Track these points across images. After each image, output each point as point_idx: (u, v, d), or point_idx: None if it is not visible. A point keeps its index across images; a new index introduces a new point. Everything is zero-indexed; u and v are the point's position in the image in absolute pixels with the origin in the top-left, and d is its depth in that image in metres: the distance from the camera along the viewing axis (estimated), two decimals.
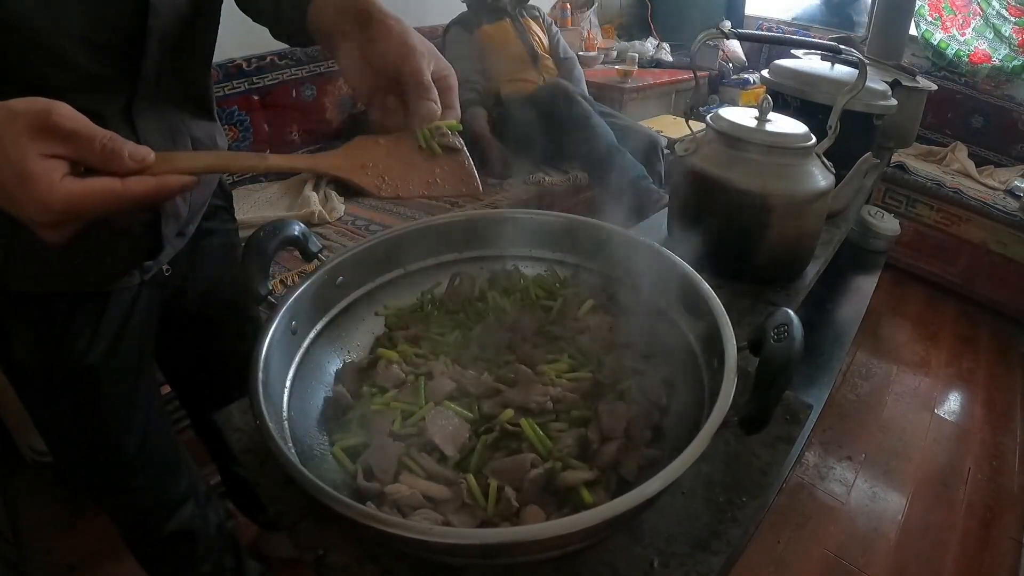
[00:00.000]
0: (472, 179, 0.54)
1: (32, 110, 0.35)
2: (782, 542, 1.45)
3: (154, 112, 0.64)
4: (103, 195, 0.36)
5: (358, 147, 0.52)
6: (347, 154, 0.52)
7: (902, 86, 1.26)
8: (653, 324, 0.65)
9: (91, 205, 0.36)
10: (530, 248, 0.75)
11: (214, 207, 0.84)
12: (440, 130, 0.53)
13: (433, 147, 0.53)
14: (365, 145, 0.52)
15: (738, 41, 3.17)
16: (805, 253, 0.94)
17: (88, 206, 0.36)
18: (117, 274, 0.70)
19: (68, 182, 0.35)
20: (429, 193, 0.53)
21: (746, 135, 0.85)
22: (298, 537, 0.51)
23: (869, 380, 2.05)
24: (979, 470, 1.73)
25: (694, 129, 0.97)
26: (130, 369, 0.78)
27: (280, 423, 0.51)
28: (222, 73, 1.83)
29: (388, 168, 0.52)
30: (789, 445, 0.61)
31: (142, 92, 0.61)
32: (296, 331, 0.59)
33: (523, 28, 2.24)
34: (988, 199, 2.42)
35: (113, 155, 0.37)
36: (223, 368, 0.92)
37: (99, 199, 0.36)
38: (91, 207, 0.36)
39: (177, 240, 0.75)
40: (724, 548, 0.51)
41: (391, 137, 0.53)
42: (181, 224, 0.74)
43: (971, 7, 2.69)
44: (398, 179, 0.52)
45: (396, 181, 0.51)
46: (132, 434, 0.81)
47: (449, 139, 0.54)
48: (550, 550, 0.44)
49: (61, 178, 0.35)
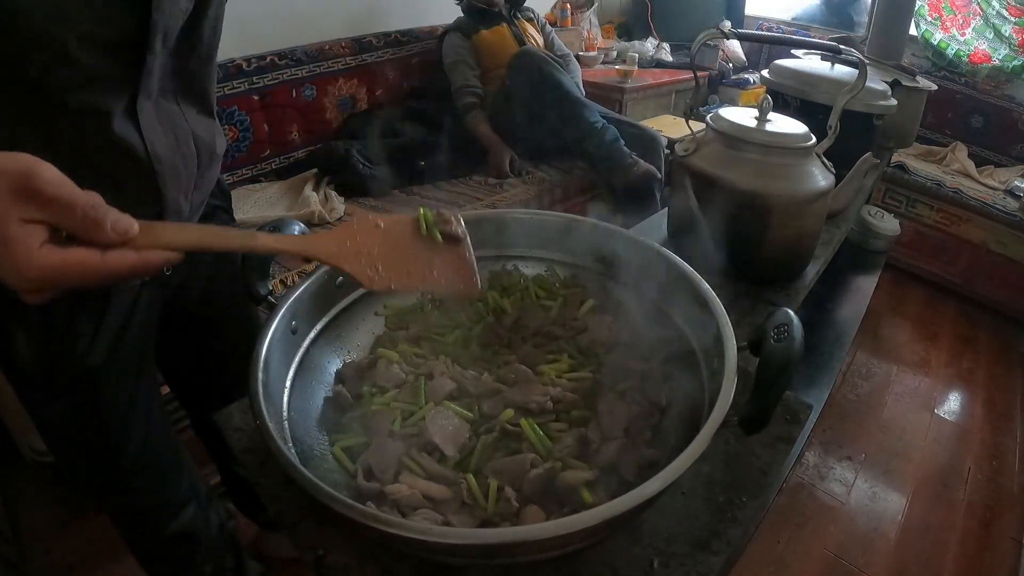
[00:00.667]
0: (471, 275, 0.52)
1: (14, 169, 0.33)
2: (782, 542, 1.45)
3: (157, 109, 0.64)
4: (80, 269, 0.35)
5: (355, 229, 0.49)
6: (342, 237, 0.48)
7: (902, 86, 1.26)
8: (653, 324, 0.65)
9: (67, 278, 0.35)
10: (530, 248, 0.75)
11: (212, 207, 0.84)
12: (444, 216, 0.51)
13: (435, 234, 0.51)
14: (363, 227, 0.49)
15: (738, 41, 3.17)
16: (805, 253, 0.94)
17: (64, 279, 0.35)
18: None
19: (46, 251, 0.34)
20: (423, 288, 0.50)
21: (746, 135, 0.85)
22: (298, 537, 0.51)
23: (869, 380, 2.05)
24: (979, 470, 1.73)
25: (694, 129, 0.97)
26: (131, 370, 0.78)
27: (280, 423, 0.51)
28: (222, 73, 1.83)
29: (384, 256, 0.49)
30: (789, 445, 0.61)
31: (145, 89, 0.61)
32: (296, 331, 0.59)
33: (520, 32, 2.25)
34: (988, 199, 2.42)
35: (95, 225, 0.35)
36: (223, 368, 0.92)
37: (76, 273, 0.35)
38: (67, 280, 0.35)
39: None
40: (724, 548, 0.51)
41: (391, 220, 0.51)
42: (184, 222, 0.74)
43: (971, 7, 2.69)
44: (393, 269, 0.48)
45: (391, 271, 0.48)
46: (133, 435, 0.81)
47: (452, 226, 0.52)
48: (550, 550, 0.44)
49: (40, 246, 0.34)
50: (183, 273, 0.81)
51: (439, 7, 2.38)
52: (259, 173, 2.03)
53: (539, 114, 2.03)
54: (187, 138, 0.69)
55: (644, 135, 2.17)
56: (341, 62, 2.17)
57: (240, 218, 1.70)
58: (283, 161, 2.08)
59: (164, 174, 0.65)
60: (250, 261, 0.59)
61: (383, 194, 1.97)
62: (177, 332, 0.88)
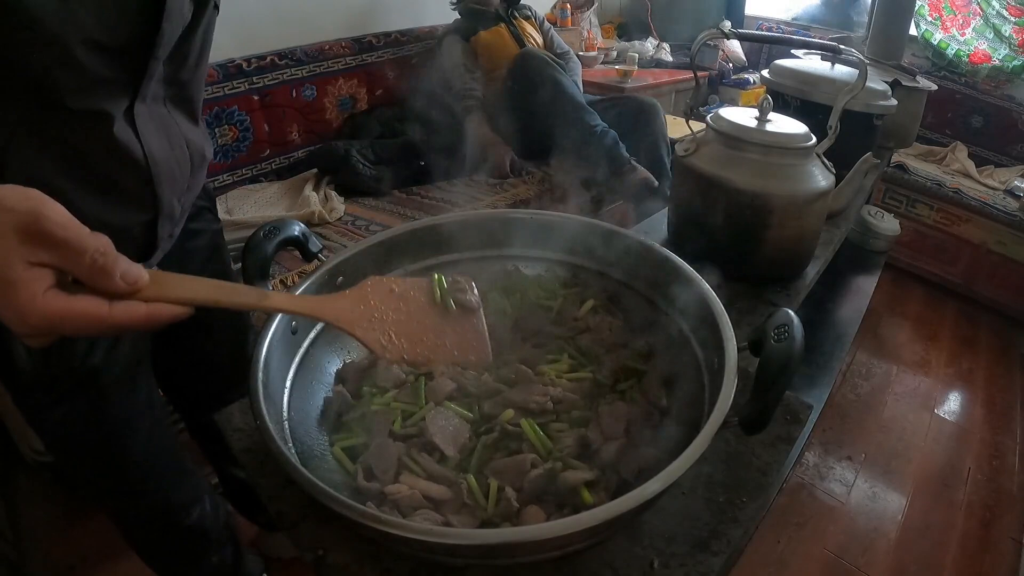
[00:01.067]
0: (483, 346, 0.51)
1: (23, 208, 0.32)
2: (782, 542, 1.45)
3: (153, 115, 0.64)
4: (85, 319, 0.34)
5: (369, 292, 0.49)
6: (356, 301, 0.48)
7: (902, 86, 1.26)
8: (653, 324, 0.65)
9: (70, 327, 0.33)
10: (530, 248, 0.75)
11: (199, 207, 0.85)
12: (459, 284, 0.51)
13: (448, 302, 0.51)
14: (377, 290, 0.49)
15: (738, 41, 3.17)
16: (805, 253, 0.94)
17: (66, 328, 0.33)
18: None
19: (51, 297, 0.33)
20: (435, 359, 0.50)
21: (746, 135, 0.85)
22: (298, 537, 0.51)
23: (869, 380, 2.05)
24: (979, 470, 1.73)
25: (694, 129, 0.97)
26: (129, 372, 0.78)
27: (280, 423, 0.51)
28: (222, 73, 1.83)
29: (397, 322, 0.48)
30: (789, 445, 0.61)
31: (143, 94, 0.61)
32: (296, 331, 0.59)
33: (518, 31, 2.25)
34: (988, 199, 2.42)
35: (103, 273, 0.34)
36: (217, 370, 0.92)
37: (80, 322, 0.34)
38: (69, 329, 0.34)
39: (166, 242, 0.75)
40: (724, 548, 0.51)
41: (406, 284, 0.50)
42: (174, 224, 0.74)
43: (971, 7, 2.69)
44: (406, 337, 0.48)
45: (403, 340, 0.48)
46: (138, 437, 0.81)
47: (467, 295, 0.51)
48: (550, 550, 0.44)
49: (44, 291, 0.32)
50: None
51: (439, 7, 2.38)
52: (259, 173, 2.03)
53: (539, 116, 2.03)
54: (180, 142, 0.69)
55: (643, 104, 2.17)
56: (341, 62, 2.17)
57: (240, 218, 1.70)
58: (283, 161, 2.08)
59: (160, 177, 0.65)
60: (249, 262, 0.58)
61: (383, 194, 1.97)
62: (169, 335, 0.88)
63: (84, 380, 0.72)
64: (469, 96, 2.17)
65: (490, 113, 2.15)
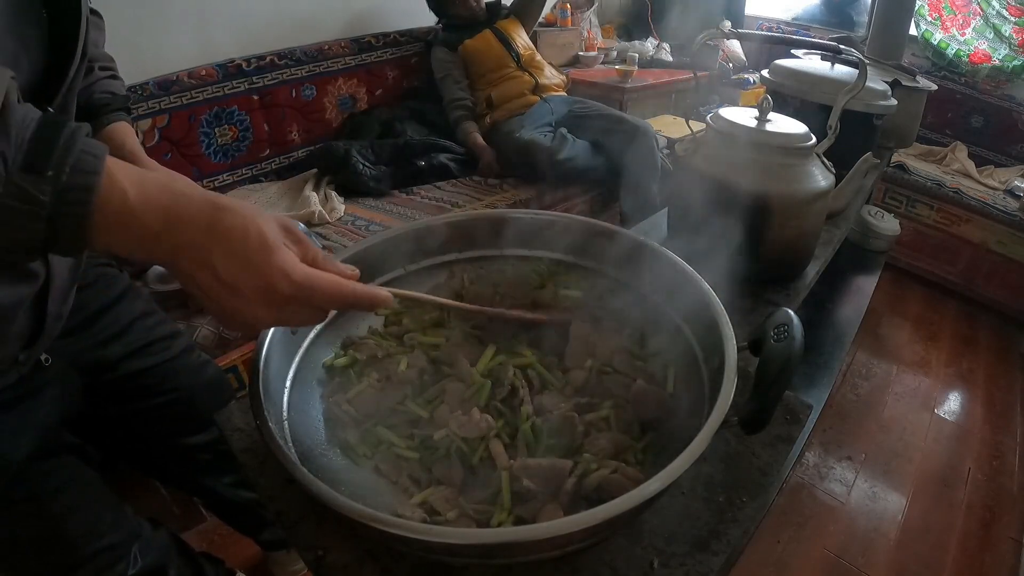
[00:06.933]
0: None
1: (274, 216, 0.41)
2: (782, 542, 1.45)
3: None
4: (334, 284, 0.41)
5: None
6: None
7: (902, 86, 1.26)
8: (653, 324, 0.65)
9: (323, 288, 0.40)
10: (530, 248, 0.75)
11: (96, 275, 0.82)
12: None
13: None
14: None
15: (738, 41, 3.17)
16: (805, 253, 0.94)
17: (320, 288, 0.40)
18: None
19: (306, 265, 0.41)
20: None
21: (746, 135, 0.85)
22: (298, 537, 0.51)
23: (869, 380, 2.05)
24: (979, 470, 1.73)
25: (694, 129, 0.97)
26: (60, 452, 0.74)
27: (280, 423, 0.51)
28: (222, 73, 1.83)
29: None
30: (789, 445, 0.61)
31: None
32: (296, 331, 0.59)
33: (503, 33, 2.27)
34: (988, 199, 2.42)
35: (330, 262, 0.43)
36: (162, 418, 0.89)
37: (330, 285, 0.41)
38: (322, 290, 0.40)
39: (54, 324, 0.68)
40: (724, 548, 0.51)
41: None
42: (63, 300, 0.68)
43: (971, 7, 2.69)
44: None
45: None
46: (82, 517, 0.76)
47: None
48: (550, 550, 0.44)
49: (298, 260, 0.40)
50: (94, 346, 0.79)
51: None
52: (259, 173, 2.03)
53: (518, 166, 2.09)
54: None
55: (627, 127, 2.08)
56: (341, 62, 2.17)
57: None
58: (283, 161, 2.08)
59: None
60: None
61: (383, 194, 1.98)
62: (106, 402, 0.84)
63: (16, 475, 0.68)
64: (459, 106, 2.22)
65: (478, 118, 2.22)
